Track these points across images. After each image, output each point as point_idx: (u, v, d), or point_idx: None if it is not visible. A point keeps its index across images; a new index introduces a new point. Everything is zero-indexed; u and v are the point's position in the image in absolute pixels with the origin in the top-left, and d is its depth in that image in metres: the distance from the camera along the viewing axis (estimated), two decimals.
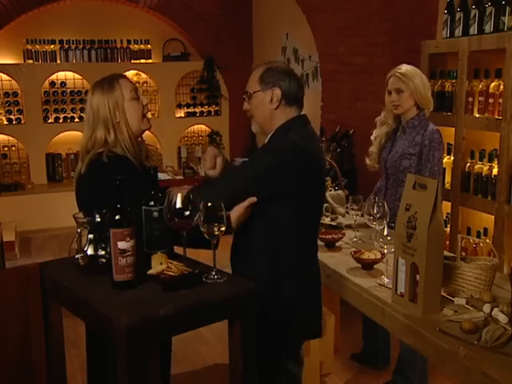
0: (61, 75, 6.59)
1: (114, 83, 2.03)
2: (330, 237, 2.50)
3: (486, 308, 1.69)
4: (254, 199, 1.91)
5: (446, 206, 3.41)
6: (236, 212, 1.93)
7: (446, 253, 2.25)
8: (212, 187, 2.05)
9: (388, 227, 2.02)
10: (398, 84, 2.74)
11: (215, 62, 6.98)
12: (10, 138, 6.47)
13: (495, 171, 3.03)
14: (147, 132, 7.24)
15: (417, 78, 2.73)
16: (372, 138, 2.95)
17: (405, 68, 2.75)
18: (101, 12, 6.64)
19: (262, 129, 2.07)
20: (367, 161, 2.98)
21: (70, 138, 6.67)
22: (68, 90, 6.62)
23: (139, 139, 2.18)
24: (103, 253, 1.82)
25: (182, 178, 6.13)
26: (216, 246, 1.79)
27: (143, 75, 6.95)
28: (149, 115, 2.14)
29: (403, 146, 2.76)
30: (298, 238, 2.03)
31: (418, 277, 1.71)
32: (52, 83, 6.55)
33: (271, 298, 1.99)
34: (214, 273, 1.77)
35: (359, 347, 3.27)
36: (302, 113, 2.08)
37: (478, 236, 3.16)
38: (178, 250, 1.88)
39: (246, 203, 1.91)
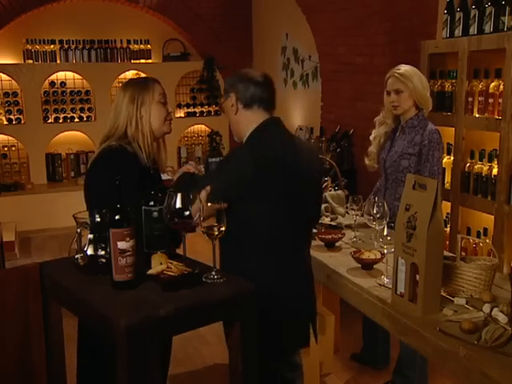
0: (61, 75, 6.59)
1: (149, 84, 2.19)
2: (330, 237, 2.50)
3: (486, 308, 1.69)
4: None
5: (446, 206, 3.41)
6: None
7: (445, 253, 2.25)
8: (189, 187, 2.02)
9: (388, 227, 2.02)
10: (397, 85, 2.74)
11: (215, 61, 6.98)
12: (10, 138, 6.47)
13: (495, 171, 3.03)
14: None
15: (415, 78, 2.73)
16: (371, 138, 2.95)
17: (404, 68, 2.76)
18: (101, 12, 6.64)
19: (236, 136, 2.11)
20: (366, 161, 2.98)
21: (69, 138, 6.67)
22: (68, 90, 6.62)
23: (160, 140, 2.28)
24: (103, 253, 1.82)
25: None
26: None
27: (143, 75, 6.94)
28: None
29: (402, 145, 2.77)
30: (276, 241, 1.99)
31: (417, 277, 1.71)
32: (52, 83, 6.54)
33: None
34: (213, 273, 1.78)
35: (359, 347, 3.26)
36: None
37: (478, 236, 3.16)
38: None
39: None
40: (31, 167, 6.55)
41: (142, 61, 6.93)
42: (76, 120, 6.63)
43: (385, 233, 2.00)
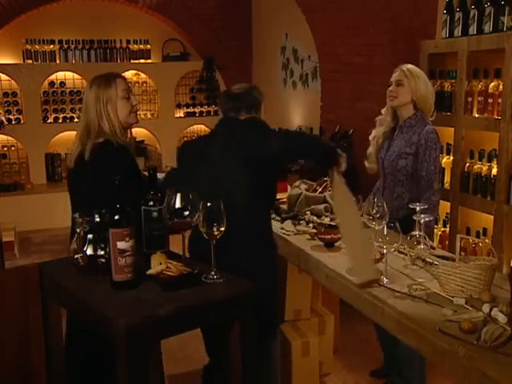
0: (60, 75, 6.59)
1: (111, 81, 2.29)
2: (330, 237, 2.49)
3: (486, 308, 1.69)
4: None
5: (446, 206, 3.42)
6: None
7: (445, 253, 2.25)
8: None
9: (387, 227, 2.02)
10: (399, 76, 2.77)
11: (215, 61, 6.98)
12: (10, 138, 6.46)
13: (494, 171, 3.03)
14: (147, 132, 7.20)
15: (421, 79, 2.75)
16: (370, 138, 2.95)
17: (412, 66, 2.79)
18: (100, 12, 6.64)
19: None
20: (366, 164, 2.98)
21: (69, 138, 6.64)
22: (67, 90, 6.62)
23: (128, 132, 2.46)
24: (103, 253, 1.82)
25: None
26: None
27: (142, 75, 6.94)
28: (139, 113, 2.49)
29: (400, 145, 2.77)
30: None
31: None
32: (51, 83, 6.54)
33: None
34: (213, 273, 1.78)
35: (359, 347, 3.26)
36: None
37: (478, 236, 3.16)
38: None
39: None
40: (31, 167, 6.54)
41: (142, 61, 6.92)
42: (75, 120, 6.60)
43: (384, 233, 2.00)
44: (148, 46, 6.95)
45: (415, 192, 2.73)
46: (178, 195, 1.76)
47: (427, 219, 2.26)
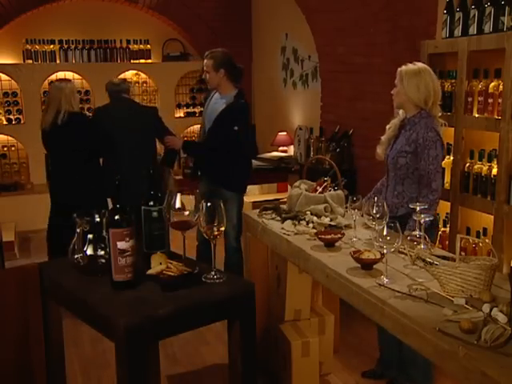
0: (60, 75, 6.56)
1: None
2: (330, 237, 2.49)
3: (486, 308, 1.69)
4: None
5: (446, 206, 3.42)
6: None
7: (445, 253, 2.25)
8: None
9: (387, 227, 2.02)
10: (396, 78, 2.79)
11: None
12: (10, 138, 6.46)
13: (494, 171, 3.03)
14: None
15: (411, 79, 2.71)
16: (387, 127, 2.93)
17: (407, 67, 2.75)
18: (100, 12, 6.64)
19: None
20: (378, 149, 2.96)
21: None
22: None
23: None
24: (103, 253, 1.82)
25: (181, 177, 6.13)
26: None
27: (143, 75, 6.94)
28: None
29: (401, 143, 2.77)
30: None
31: None
32: (51, 83, 6.53)
33: None
34: (213, 273, 1.78)
35: (359, 347, 3.26)
36: None
37: (478, 236, 3.16)
38: None
39: None
40: (31, 167, 6.54)
41: (142, 61, 6.92)
42: None
43: (384, 233, 2.00)
44: (148, 45, 6.95)
45: (415, 191, 2.73)
46: (178, 195, 1.76)
47: (427, 219, 2.26)
